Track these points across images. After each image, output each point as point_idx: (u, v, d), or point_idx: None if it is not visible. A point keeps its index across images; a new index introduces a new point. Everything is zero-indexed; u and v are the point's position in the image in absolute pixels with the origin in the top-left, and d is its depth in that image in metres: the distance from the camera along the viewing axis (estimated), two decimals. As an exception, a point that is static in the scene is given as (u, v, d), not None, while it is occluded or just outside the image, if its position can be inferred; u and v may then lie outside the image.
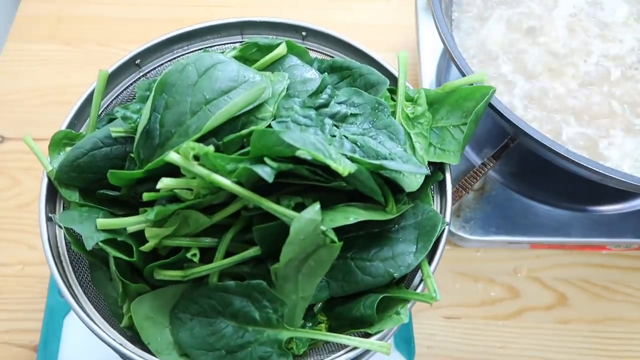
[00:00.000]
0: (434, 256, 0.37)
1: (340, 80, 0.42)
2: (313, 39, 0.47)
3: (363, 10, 0.79)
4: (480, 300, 0.57)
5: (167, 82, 0.36)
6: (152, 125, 0.36)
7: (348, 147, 0.36)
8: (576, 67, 0.58)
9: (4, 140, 0.68)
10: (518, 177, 0.60)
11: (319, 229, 0.31)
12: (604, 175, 0.44)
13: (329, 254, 0.32)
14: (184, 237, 0.36)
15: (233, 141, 0.35)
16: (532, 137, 0.45)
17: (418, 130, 0.40)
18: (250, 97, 0.36)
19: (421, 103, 0.41)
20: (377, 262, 0.36)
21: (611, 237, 0.57)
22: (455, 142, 0.40)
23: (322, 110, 0.38)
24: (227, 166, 0.32)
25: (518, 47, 0.59)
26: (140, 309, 0.36)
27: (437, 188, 0.41)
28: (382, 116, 0.38)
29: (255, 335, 0.34)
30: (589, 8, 0.62)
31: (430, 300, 0.35)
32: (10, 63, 0.75)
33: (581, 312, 0.57)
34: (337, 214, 0.33)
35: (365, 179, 0.34)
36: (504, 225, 0.58)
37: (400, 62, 0.41)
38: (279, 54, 0.41)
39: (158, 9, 0.79)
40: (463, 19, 0.62)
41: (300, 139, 0.31)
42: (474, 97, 0.40)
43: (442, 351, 0.55)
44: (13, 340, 0.55)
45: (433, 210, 0.37)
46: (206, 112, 0.36)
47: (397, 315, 0.35)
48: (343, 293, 0.36)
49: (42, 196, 0.38)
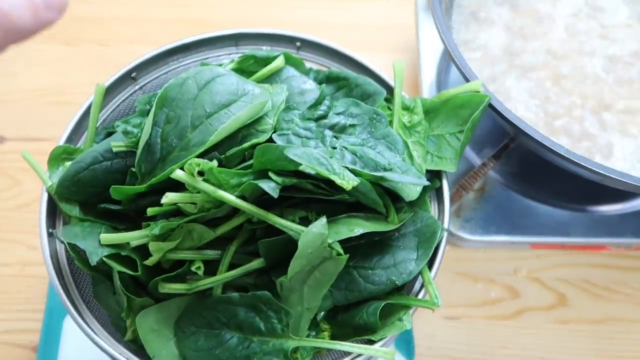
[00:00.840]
0: (433, 262, 0.38)
1: (337, 91, 0.43)
2: (308, 49, 0.47)
3: (363, 10, 0.79)
4: (480, 300, 0.57)
5: (167, 96, 0.36)
6: (153, 140, 0.36)
7: (349, 158, 0.36)
8: (577, 66, 0.58)
9: (4, 140, 0.68)
10: (518, 177, 0.60)
11: (326, 242, 0.32)
12: (604, 175, 0.44)
13: (335, 266, 0.33)
14: (188, 250, 0.36)
15: (235, 154, 0.36)
16: (532, 137, 0.45)
17: (415, 138, 0.41)
18: (252, 111, 0.36)
19: (417, 112, 0.41)
20: (379, 270, 0.36)
21: (611, 237, 0.57)
22: (452, 149, 0.40)
23: (321, 121, 0.39)
24: (231, 181, 0.33)
25: (518, 46, 0.59)
26: (145, 322, 0.36)
27: (435, 195, 0.42)
28: (380, 126, 0.39)
29: (261, 346, 0.35)
30: (588, 9, 0.62)
31: (432, 306, 0.36)
32: (10, 63, 0.75)
33: (581, 312, 0.57)
34: (342, 227, 0.34)
35: (368, 191, 0.34)
36: (504, 225, 0.58)
37: (396, 71, 0.42)
38: (277, 66, 0.41)
39: (158, 9, 0.79)
40: (463, 19, 0.62)
41: (304, 155, 0.32)
42: (469, 105, 0.40)
43: (442, 351, 0.55)
44: (13, 340, 0.55)
45: (432, 218, 0.38)
46: (207, 125, 0.36)
47: (399, 322, 0.36)
48: (346, 302, 0.36)
49: (43, 213, 0.39)
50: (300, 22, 0.75)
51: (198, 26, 0.52)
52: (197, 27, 0.52)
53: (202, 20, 0.77)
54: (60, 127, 0.46)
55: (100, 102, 0.42)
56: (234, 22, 0.75)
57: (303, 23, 0.75)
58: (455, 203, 0.56)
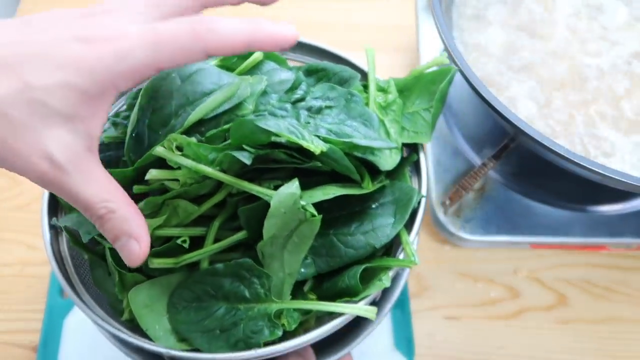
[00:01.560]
0: (412, 227, 0.39)
1: (317, 82, 0.44)
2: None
3: (363, 10, 0.79)
4: (480, 300, 0.57)
5: (152, 88, 0.38)
6: (140, 129, 0.38)
7: (323, 131, 0.38)
8: (577, 66, 0.58)
9: (4, 141, 0.68)
10: (518, 177, 0.60)
11: (299, 203, 0.34)
12: (604, 175, 0.44)
13: (311, 229, 0.35)
14: (175, 227, 0.37)
15: (216, 135, 0.37)
16: (532, 137, 0.45)
17: (391, 117, 0.43)
18: (228, 92, 0.38)
19: (391, 91, 0.43)
20: (358, 235, 0.38)
21: (611, 237, 0.57)
22: (427, 123, 0.42)
23: (298, 104, 0.40)
24: (209, 155, 0.35)
25: (518, 46, 0.59)
26: (137, 297, 0.37)
27: (414, 169, 0.44)
28: (356, 106, 0.40)
29: (247, 312, 0.36)
30: (588, 10, 0.62)
31: (410, 264, 0.37)
32: (10, 63, 0.75)
33: (581, 312, 0.57)
34: (316, 192, 0.36)
35: (339, 157, 0.36)
36: (504, 225, 0.58)
37: (369, 56, 0.44)
38: (255, 59, 0.43)
39: (158, 9, 0.79)
40: (463, 19, 0.62)
41: (275, 125, 0.34)
42: (438, 79, 0.42)
43: (442, 351, 0.55)
44: (13, 340, 0.55)
45: (409, 186, 0.40)
46: (189, 112, 0.38)
47: (379, 282, 0.37)
48: (329, 268, 0.38)
49: (44, 204, 0.40)
50: (300, 22, 0.75)
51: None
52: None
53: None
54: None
55: None
56: (234, 22, 0.75)
57: (303, 23, 0.75)
58: (455, 203, 0.56)
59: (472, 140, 0.62)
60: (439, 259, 0.60)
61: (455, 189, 0.56)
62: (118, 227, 0.30)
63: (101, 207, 0.29)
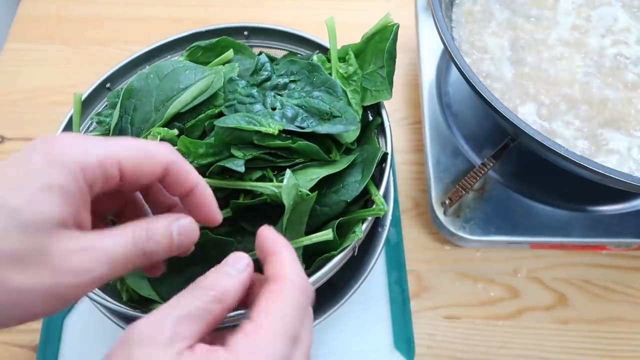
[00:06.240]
0: (381, 182, 0.43)
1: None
2: (255, 36, 0.53)
3: (363, 10, 0.79)
4: (480, 300, 0.57)
5: (133, 88, 0.43)
6: (124, 126, 0.41)
7: (289, 113, 0.42)
8: (577, 66, 0.58)
9: (4, 140, 0.68)
10: (518, 177, 0.60)
11: (299, 189, 0.38)
12: (604, 175, 0.44)
13: (307, 205, 0.39)
14: None
15: (195, 125, 0.42)
16: (532, 137, 0.45)
17: (352, 87, 0.46)
18: (204, 84, 0.42)
19: (352, 63, 0.47)
20: (330, 194, 0.42)
21: (611, 237, 0.57)
22: (384, 80, 0.46)
23: (264, 84, 0.44)
24: (199, 150, 0.39)
25: (518, 46, 0.59)
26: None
27: (380, 132, 0.47)
28: (319, 75, 0.44)
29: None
30: (588, 10, 0.62)
31: (380, 212, 0.41)
32: (10, 63, 0.75)
33: (581, 312, 0.57)
34: (300, 177, 0.40)
35: (307, 148, 0.41)
36: (504, 225, 0.58)
37: (329, 28, 0.47)
38: (226, 56, 0.47)
39: (158, 9, 0.79)
40: (463, 19, 0.62)
41: (232, 120, 0.39)
42: (385, 37, 0.46)
43: (442, 351, 0.55)
44: (13, 340, 0.55)
45: (373, 147, 0.44)
46: (168, 107, 0.42)
47: (353, 234, 0.40)
48: (308, 228, 0.40)
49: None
50: (300, 23, 0.75)
51: (198, 26, 0.52)
52: (197, 27, 0.52)
53: (202, 20, 0.77)
54: (60, 127, 0.46)
55: (79, 109, 0.47)
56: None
57: (302, 23, 0.75)
58: (455, 203, 0.56)
59: (472, 140, 0.62)
60: (439, 259, 0.60)
61: (455, 189, 0.56)
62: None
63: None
